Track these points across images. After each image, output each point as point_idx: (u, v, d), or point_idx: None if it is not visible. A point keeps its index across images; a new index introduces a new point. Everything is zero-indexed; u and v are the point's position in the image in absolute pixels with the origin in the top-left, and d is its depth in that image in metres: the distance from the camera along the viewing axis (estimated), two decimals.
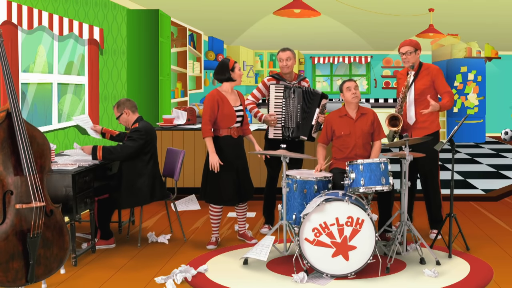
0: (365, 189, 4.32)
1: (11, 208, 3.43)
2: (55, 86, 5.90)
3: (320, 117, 5.31)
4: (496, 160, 10.35)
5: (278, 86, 5.31)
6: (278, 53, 5.35)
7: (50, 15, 5.36)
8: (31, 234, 3.45)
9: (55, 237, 3.63)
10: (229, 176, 4.79)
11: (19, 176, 3.47)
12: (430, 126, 5.19)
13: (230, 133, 4.81)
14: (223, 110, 4.75)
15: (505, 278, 4.14)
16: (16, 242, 3.42)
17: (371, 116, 5.02)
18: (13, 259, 3.41)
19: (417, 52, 5.20)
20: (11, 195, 3.44)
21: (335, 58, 15.66)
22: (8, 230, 3.40)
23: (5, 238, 3.38)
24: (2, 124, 3.43)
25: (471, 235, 5.33)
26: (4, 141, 3.43)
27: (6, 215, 3.41)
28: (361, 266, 4.06)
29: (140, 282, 4.06)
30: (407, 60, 5.19)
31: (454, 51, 12.99)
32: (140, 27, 7.56)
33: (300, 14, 6.63)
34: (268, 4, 8.15)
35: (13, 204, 3.43)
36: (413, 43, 5.20)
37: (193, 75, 10.52)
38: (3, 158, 3.42)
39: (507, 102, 15.81)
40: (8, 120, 3.46)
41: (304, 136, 5.30)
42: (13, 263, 3.41)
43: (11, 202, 3.43)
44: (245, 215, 5.07)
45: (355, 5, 8.25)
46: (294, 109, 5.27)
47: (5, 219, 3.41)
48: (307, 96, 5.30)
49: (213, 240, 4.92)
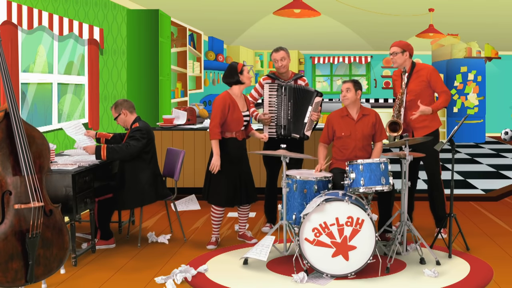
0: (365, 189, 4.32)
1: (10, 208, 3.42)
2: (55, 86, 5.90)
3: (314, 115, 5.26)
4: (496, 160, 10.35)
5: (272, 85, 5.31)
6: (272, 54, 5.33)
7: (50, 15, 5.36)
8: (30, 234, 3.44)
9: (54, 237, 3.62)
10: (232, 178, 4.81)
11: (18, 176, 3.46)
12: (430, 125, 5.17)
13: (236, 136, 4.85)
14: (233, 114, 4.80)
15: (505, 278, 4.14)
16: (15, 242, 3.41)
17: (373, 117, 4.99)
18: (12, 259, 3.39)
19: (404, 54, 5.13)
20: (10, 196, 3.43)
21: (335, 58, 15.67)
22: (7, 230, 3.39)
23: (4, 238, 3.38)
24: (0, 124, 3.42)
25: (471, 235, 5.33)
26: (3, 141, 3.42)
27: (5, 216, 3.40)
28: (361, 266, 4.06)
29: (140, 282, 4.06)
30: (394, 60, 5.17)
31: (454, 51, 12.99)
32: (140, 27, 7.56)
33: (300, 14, 6.63)
34: (268, 4, 8.15)
35: (12, 205, 3.42)
36: (401, 44, 5.15)
37: (193, 75, 10.52)
38: (1, 158, 3.41)
39: (507, 102, 15.81)
40: (7, 120, 3.45)
41: (296, 134, 5.26)
42: (13, 264, 3.40)
43: (10, 203, 3.42)
44: (247, 216, 5.08)
45: (355, 5, 8.25)
46: (286, 107, 5.25)
47: (4, 220, 3.39)
48: (299, 94, 5.26)
49: (213, 240, 4.92)
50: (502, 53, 15.62)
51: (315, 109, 5.27)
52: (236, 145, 4.86)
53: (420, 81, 5.12)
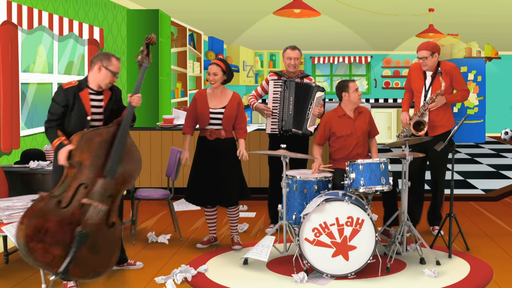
0: (365, 189, 4.32)
1: (78, 199, 3.62)
2: (55, 86, 5.90)
3: (315, 109, 5.25)
4: (496, 160, 10.35)
5: (277, 81, 5.30)
6: (286, 50, 5.25)
7: (50, 15, 5.36)
8: (80, 228, 3.56)
9: (104, 248, 3.68)
10: (201, 177, 4.72)
11: (100, 177, 3.71)
12: (446, 124, 5.20)
13: (206, 134, 4.74)
14: (198, 109, 4.73)
15: (505, 278, 4.14)
16: (67, 231, 3.54)
17: (367, 114, 5.04)
18: (57, 244, 3.50)
19: (434, 55, 5.09)
20: (85, 189, 3.66)
21: (335, 58, 15.67)
22: (66, 216, 3.55)
23: (59, 221, 3.52)
24: (110, 128, 3.78)
25: (471, 235, 5.33)
26: (105, 142, 3.74)
27: (71, 203, 3.59)
28: (361, 266, 4.06)
29: (140, 282, 4.06)
30: (424, 64, 5.13)
31: (454, 51, 12.99)
32: (140, 27, 7.56)
33: (300, 14, 6.63)
34: (268, 4, 8.15)
35: (81, 197, 3.63)
36: (430, 47, 5.08)
37: (193, 75, 10.52)
38: (96, 156, 3.70)
39: (507, 102, 15.81)
40: (117, 127, 3.81)
41: (297, 129, 5.26)
42: (55, 249, 3.49)
43: (81, 195, 3.64)
44: (236, 219, 4.91)
45: (355, 5, 8.25)
46: (287, 101, 5.25)
47: (68, 206, 3.57)
48: (301, 89, 5.26)
49: (204, 240, 4.92)
50: (502, 53, 15.62)
51: (316, 104, 5.26)
52: (206, 144, 4.74)
53: (444, 80, 5.11)
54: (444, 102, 5.10)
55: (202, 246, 4.89)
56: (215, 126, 4.72)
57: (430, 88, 5.16)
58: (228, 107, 4.73)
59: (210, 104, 4.73)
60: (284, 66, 5.36)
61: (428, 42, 5.14)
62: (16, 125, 4.81)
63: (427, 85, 5.18)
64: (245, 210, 6.35)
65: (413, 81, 5.31)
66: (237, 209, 4.88)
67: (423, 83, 5.22)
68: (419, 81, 5.24)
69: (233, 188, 4.74)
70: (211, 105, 4.73)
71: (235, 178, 4.75)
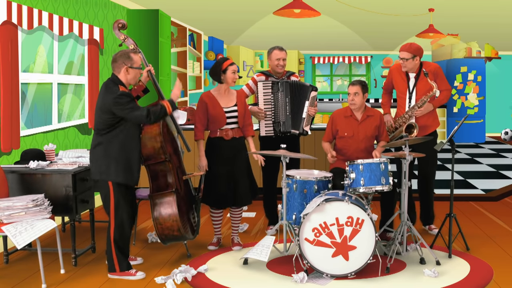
0: (365, 189, 4.32)
1: (180, 178, 4.45)
2: (55, 86, 5.90)
3: (310, 109, 5.25)
4: (496, 160, 10.35)
5: (266, 82, 5.22)
6: (274, 51, 5.21)
7: (50, 15, 5.36)
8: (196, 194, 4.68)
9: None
10: (222, 180, 4.70)
11: (178, 156, 4.48)
12: (432, 124, 5.25)
13: (222, 135, 4.73)
14: (211, 111, 4.68)
15: (505, 278, 4.14)
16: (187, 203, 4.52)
17: (377, 119, 4.98)
18: (188, 215, 4.49)
19: (415, 59, 5.10)
20: (179, 169, 4.45)
21: (335, 58, 15.67)
22: (185, 195, 4.49)
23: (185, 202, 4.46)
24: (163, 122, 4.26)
25: (471, 235, 5.33)
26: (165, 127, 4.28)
27: (181, 185, 4.42)
28: (361, 266, 4.06)
29: (140, 282, 4.06)
30: (404, 65, 5.16)
31: (454, 51, 12.99)
32: (140, 27, 7.56)
33: (300, 14, 6.62)
34: (268, 4, 8.15)
35: (181, 176, 4.47)
36: (411, 49, 5.08)
37: (193, 75, 10.52)
38: (171, 139, 4.39)
39: (507, 102, 15.81)
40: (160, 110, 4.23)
41: (295, 130, 5.25)
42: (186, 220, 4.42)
43: (180, 175, 4.45)
44: (239, 220, 4.92)
45: (355, 5, 8.25)
46: (283, 103, 5.22)
47: (182, 188, 4.43)
48: (295, 89, 5.23)
49: (214, 241, 4.91)
50: (502, 53, 15.63)
51: (311, 103, 5.24)
52: (223, 145, 4.73)
53: (427, 81, 5.13)
54: (431, 109, 5.19)
55: (213, 247, 4.86)
56: (231, 125, 4.75)
57: (415, 89, 5.17)
58: (238, 104, 4.79)
59: (221, 104, 4.73)
60: (270, 66, 5.30)
61: (411, 44, 5.13)
62: (16, 125, 4.81)
63: (411, 86, 5.20)
64: (245, 210, 6.35)
65: (396, 82, 5.31)
66: (241, 209, 4.92)
67: (406, 85, 5.23)
68: (402, 83, 5.25)
69: (249, 187, 4.81)
70: (222, 105, 4.73)
71: (251, 177, 4.85)
